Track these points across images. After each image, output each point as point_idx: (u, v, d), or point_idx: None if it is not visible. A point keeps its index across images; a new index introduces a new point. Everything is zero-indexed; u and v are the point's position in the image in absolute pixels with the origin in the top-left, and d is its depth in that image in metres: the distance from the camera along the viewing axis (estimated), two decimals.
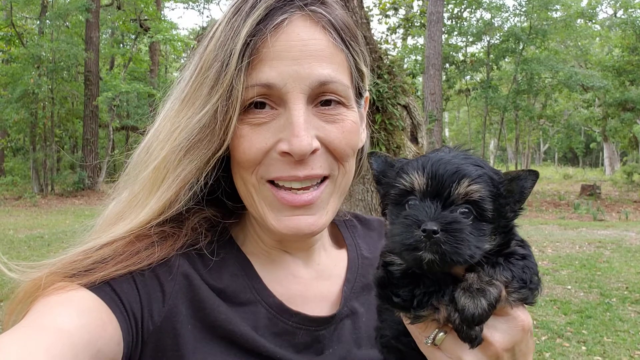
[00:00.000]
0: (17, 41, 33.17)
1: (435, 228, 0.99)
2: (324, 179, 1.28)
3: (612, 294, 10.37)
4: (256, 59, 1.19)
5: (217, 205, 1.40)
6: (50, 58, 29.51)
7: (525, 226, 18.73)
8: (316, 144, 1.22)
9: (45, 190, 30.14)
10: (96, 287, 1.15)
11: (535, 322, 8.63)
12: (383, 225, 1.66)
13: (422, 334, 1.09)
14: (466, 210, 1.04)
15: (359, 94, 1.38)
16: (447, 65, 36.63)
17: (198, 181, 1.24)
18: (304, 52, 1.20)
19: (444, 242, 0.98)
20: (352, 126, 1.29)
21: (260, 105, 1.23)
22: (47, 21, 30.10)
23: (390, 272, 1.11)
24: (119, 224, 1.27)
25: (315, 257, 1.48)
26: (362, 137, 1.44)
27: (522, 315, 1.07)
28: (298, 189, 1.25)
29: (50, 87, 30.11)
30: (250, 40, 1.19)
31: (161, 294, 1.23)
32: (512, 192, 1.09)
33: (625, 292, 10.48)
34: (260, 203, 1.27)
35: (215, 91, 1.19)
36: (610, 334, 8.23)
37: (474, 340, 1.02)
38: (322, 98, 1.24)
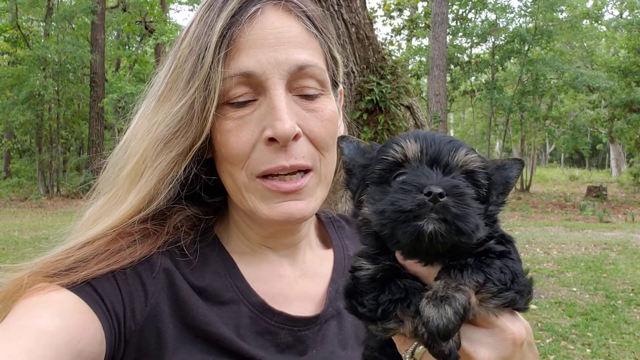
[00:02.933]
0: (22, 43, 33.39)
1: (441, 190, 0.86)
2: (308, 171, 1.29)
3: (617, 296, 10.29)
4: (233, 49, 1.20)
5: (200, 205, 1.39)
6: (56, 60, 29.69)
7: (531, 227, 18.65)
8: (298, 129, 1.23)
9: (51, 191, 30.31)
10: (77, 288, 1.14)
11: (539, 325, 8.57)
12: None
13: (402, 346, 0.99)
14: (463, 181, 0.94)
15: (334, 84, 1.39)
16: (452, 66, 36.49)
17: (178, 175, 1.23)
18: (280, 39, 1.22)
19: (453, 205, 0.86)
20: (331, 115, 1.30)
21: (242, 104, 1.23)
22: (53, 23, 30.32)
23: (357, 278, 1.00)
24: (100, 222, 1.26)
25: (300, 255, 1.47)
26: (340, 129, 1.45)
27: (512, 325, 0.93)
28: (285, 176, 1.26)
29: (56, 88, 30.34)
30: (227, 32, 1.20)
31: (143, 292, 1.22)
32: (496, 181, 1.01)
33: (631, 294, 10.39)
34: (250, 197, 1.27)
35: (192, 83, 1.20)
36: (615, 337, 8.16)
37: (447, 356, 0.89)
38: (300, 92, 1.26)
